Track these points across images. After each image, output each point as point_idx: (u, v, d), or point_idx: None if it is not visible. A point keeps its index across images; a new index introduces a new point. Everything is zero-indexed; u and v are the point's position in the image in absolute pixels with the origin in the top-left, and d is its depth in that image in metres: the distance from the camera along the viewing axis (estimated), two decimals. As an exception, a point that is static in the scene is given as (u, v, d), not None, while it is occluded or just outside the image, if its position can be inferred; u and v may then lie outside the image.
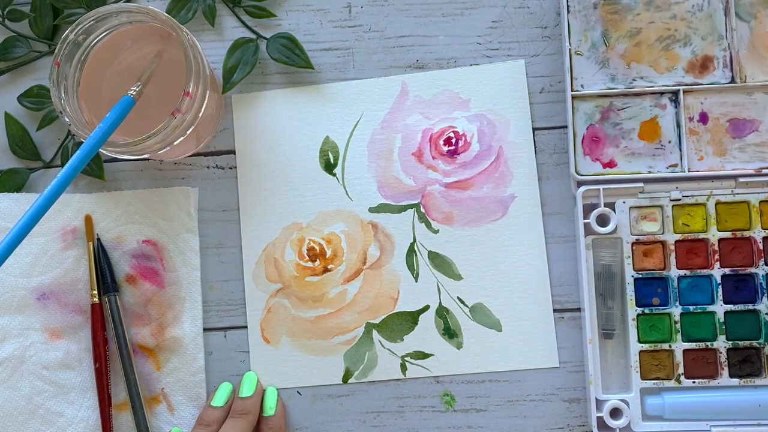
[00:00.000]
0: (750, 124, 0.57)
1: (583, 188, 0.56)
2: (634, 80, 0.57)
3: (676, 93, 0.57)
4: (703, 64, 0.57)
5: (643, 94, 0.57)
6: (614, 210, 0.56)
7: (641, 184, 0.56)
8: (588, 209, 0.56)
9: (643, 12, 0.57)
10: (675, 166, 0.57)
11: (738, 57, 0.57)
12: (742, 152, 0.57)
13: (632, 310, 0.56)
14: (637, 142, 0.57)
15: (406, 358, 0.58)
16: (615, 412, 0.56)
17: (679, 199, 0.56)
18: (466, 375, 0.58)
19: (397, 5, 0.59)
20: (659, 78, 0.57)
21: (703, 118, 0.57)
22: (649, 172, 0.57)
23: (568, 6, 0.57)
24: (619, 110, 0.57)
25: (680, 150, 0.57)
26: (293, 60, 0.58)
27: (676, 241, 0.56)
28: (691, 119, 0.57)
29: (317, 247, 0.59)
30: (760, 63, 0.57)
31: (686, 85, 0.57)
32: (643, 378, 0.56)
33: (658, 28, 0.57)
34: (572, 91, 0.57)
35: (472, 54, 0.59)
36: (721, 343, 0.56)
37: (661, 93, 0.57)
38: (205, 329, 0.58)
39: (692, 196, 0.56)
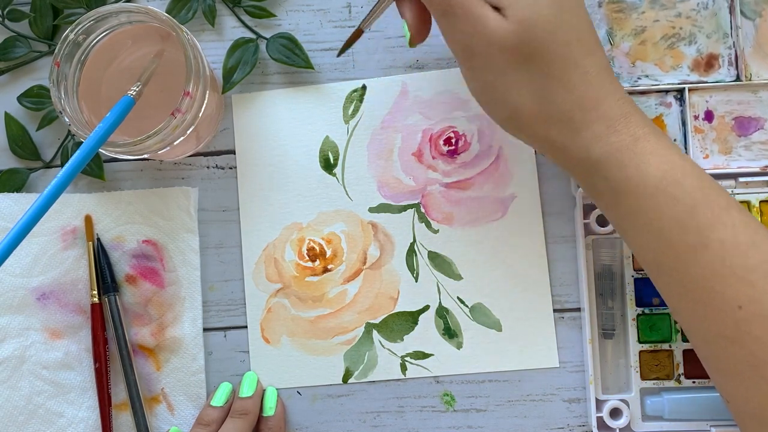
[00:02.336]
0: (755, 122, 0.57)
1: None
2: (639, 78, 0.57)
3: (681, 91, 0.57)
4: (708, 63, 0.57)
5: (648, 93, 0.57)
6: (615, 210, 0.56)
7: (642, 185, 0.56)
8: (588, 209, 0.56)
9: (648, 10, 0.57)
10: (680, 164, 0.57)
11: (743, 55, 0.57)
12: (747, 150, 0.57)
13: (632, 310, 0.56)
14: (642, 140, 0.57)
15: (406, 358, 0.58)
16: (615, 412, 0.56)
17: (680, 200, 0.56)
18: (466, 375, 0.58)
19: (398, 5, 0.59)
20: (664, 76, 0.57)
21: (709, 116, 0.57)
22: (654, 170, 0.57)
23: (572, 4, 0.57)
24: (623, 108, 0.57)
25: (686, 148, 0.57)
26: (293, 60, 0.58)
27: (677, 242, 0.56)
28: (696, 117, 0.57)
29: (317, 247, 0.59)
30: (765, 61, 0.57)
31: (691, 83, 0.57)
32: (643, 378, 0.56)
33: (663, 26, 0.57)
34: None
35: (472, 54, 0.59)
36: (722, 344, 0.56)
37: (666, 91, 0.57)
38: (205, 329, 0.59)
39: (693, 196, 0.56)
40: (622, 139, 0.45)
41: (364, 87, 0.59)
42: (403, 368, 0.58)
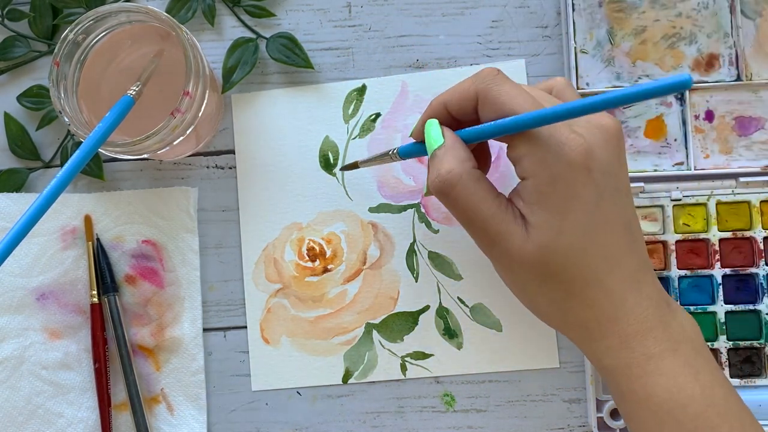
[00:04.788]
0: (756, 122, 0.57)
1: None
2: (639, 78, 0.57)
3: (681, 91, 0.57)
4: (709, 62, 0.57)
5: (648, 92, 0.57)
6: (615, 210, 0.56)
7: (641, 184, 0.56)
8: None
9: (649, 10, 0.57)
10: (681, 164, 0.57)
11: (744, 55, 0.57)
12: (748, 150, 0.57)
13: (633, 311, 0.56)
14: (643, 141, 0.57)
15: (406, 359, 0.58)
16: (615, 413, 0.56)
17: (680, 199, 0.56)
18: (466, 375, 0.58)
19: (397, 5, 0.59)
20: (665, 76, 0.57)
21: (709, 116, 0.57)
22: (655, 170, 0.57)
23: (573, 4, 0.57)
24: (624, 108, 0.57)
25: (686, 148, 0.57)
26: (293, 60, 0.58)
27: (677, 241, 0.56)
28: (696, 117, 0.57)
29: (317, 247, 0.58)
30: (765, 61, 0.57)
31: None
32: (643, 379, 0.56)
33: (663, 26, 0.57)
34: (577, 89, 0.56)
35: (472, 54, 0.59)
36: (722, 344, 0.56)
37: (666, 91, 0.57)
38: (204, 329, 0.58)
39: (693, 196, 0.56)
40: (634, 356, 0.45)
41: (364, 87, 0.59)
42: (403, 368, 0.58)
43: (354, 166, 0.57)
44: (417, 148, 0.50)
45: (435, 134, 0.46)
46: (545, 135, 0.43)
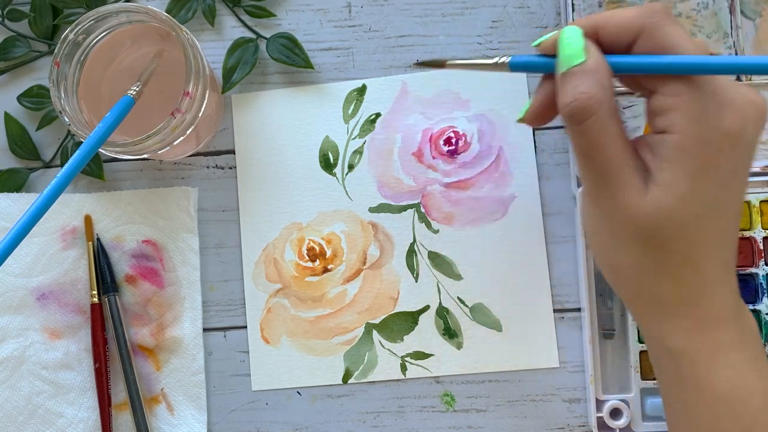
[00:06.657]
0: (755, 122, 0.57)
1: (583, 188, 0.56)
2: (638, 78, 0.57)
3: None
4: (708, 62, 0.57)
5: (647, 92, 0.57)
6: (615, 210, 0.56)
7: (642, 185, 0.56)
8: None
9: (647, 10, 0.57)
10: (680, 163, 0.57)
11: (743, 55, 0.57)
12: (747, 150, 0.57)
13: (633, 311, 0.56)
14: (642, 140, 0.57)
15: (406, 358, 0.58)
16: (615, 412, 0.56)
17: (680, 200, 0.56)
18: (466, 375, 0.58)
19: (397, 5, 0.59)
20: (664, 76, 0.57)
21: (708, 115, 0.57)
22: (654, 170, 0.57)
23: (573, 4, 0.57)
24: (624, 108, 0.57)
25: (685, 148, 0.57)
26: (293, 60, 0.58)
27: (677, 242, 0.56)
28: (695, 117, 0.57)
29: (317, 247, 0.59)
30: (765, 61, 0.57)
31: (691, 83, 0.57)
32: (643, 378, 0.56)
33: (662, 25, 0.57)
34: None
35: (472, 54, 0.59)
36: (723, 344, 0.56)
37: (666, 91, 0.57)
38: (204, 329, 0.58)
39: (693, 196, 0.56)
40: (704, 342, 0.42)
41: (364, 86, 0.59)
42: (403, 368, 0.58)
43: (438, 64, 0.48)
44: (538, 63, 0.43)
45: (576, 47, 0.40)
46: (708, 92, 0.39)
